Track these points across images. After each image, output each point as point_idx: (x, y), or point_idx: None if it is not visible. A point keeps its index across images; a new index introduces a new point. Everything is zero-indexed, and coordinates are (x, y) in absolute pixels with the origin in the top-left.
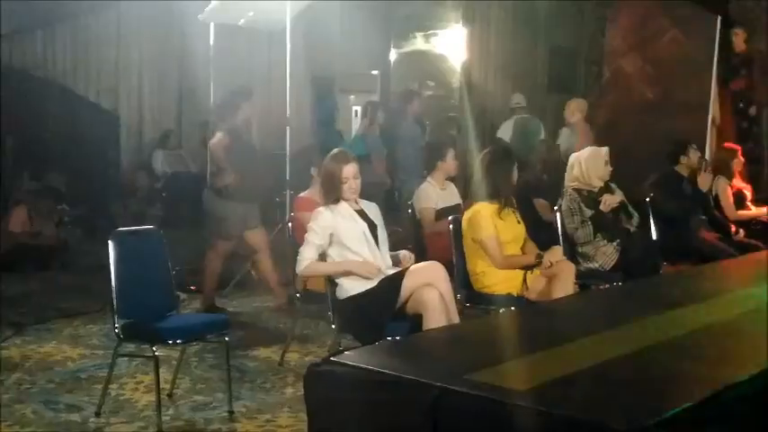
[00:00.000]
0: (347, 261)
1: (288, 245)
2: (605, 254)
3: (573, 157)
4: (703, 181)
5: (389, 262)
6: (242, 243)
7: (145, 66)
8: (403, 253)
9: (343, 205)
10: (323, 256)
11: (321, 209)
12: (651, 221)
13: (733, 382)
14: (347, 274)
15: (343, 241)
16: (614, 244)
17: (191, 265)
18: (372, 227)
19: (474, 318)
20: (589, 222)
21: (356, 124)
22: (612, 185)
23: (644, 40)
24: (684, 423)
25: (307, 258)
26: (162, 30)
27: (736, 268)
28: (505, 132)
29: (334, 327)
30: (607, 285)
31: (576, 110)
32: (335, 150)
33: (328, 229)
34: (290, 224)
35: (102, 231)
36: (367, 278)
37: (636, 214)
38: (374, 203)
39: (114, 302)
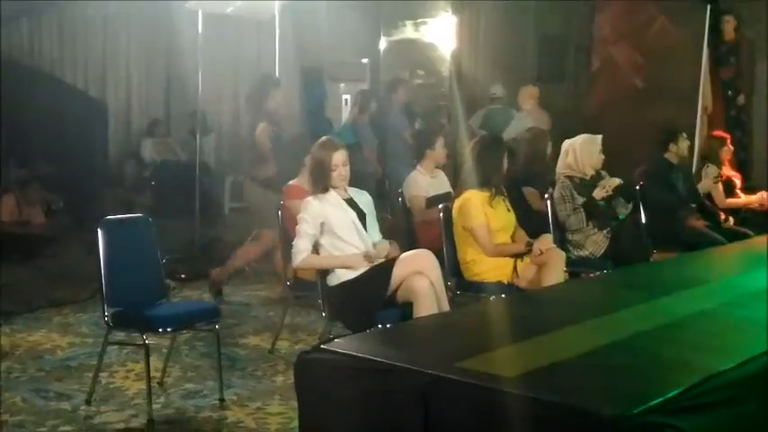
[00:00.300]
0: (344, 256)
1: (277, 233)
2: (596, 242)
3: (566, 144)
4: (704, 186)
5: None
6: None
7: (133, 54)
8: (381, 245)
9: (332, 194)
10: (315, 246)
11: (310, 198)
12: (641, 209)
13: (720, 370)
14: (343, 267)
15: (334, 230)
16: (604, 232)
17: (180, 253)
18: (362, 215)
19: (464, 306)
20: (581, 210)
21: (346, 113)
22: (603, 173)
23: (633, 28)
24: (672, 410)
25: (303, 251)
26: (150, 18)
27: (725, 256)
28: (475, 122)
29: (324, 315)
30: (597, 273)
31: (528, 96)
32: (323, 138)
33: (319, 218)
34: (279, 212)
35: (90, 220)
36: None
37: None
38: (364, 191)
39: (104, 290)
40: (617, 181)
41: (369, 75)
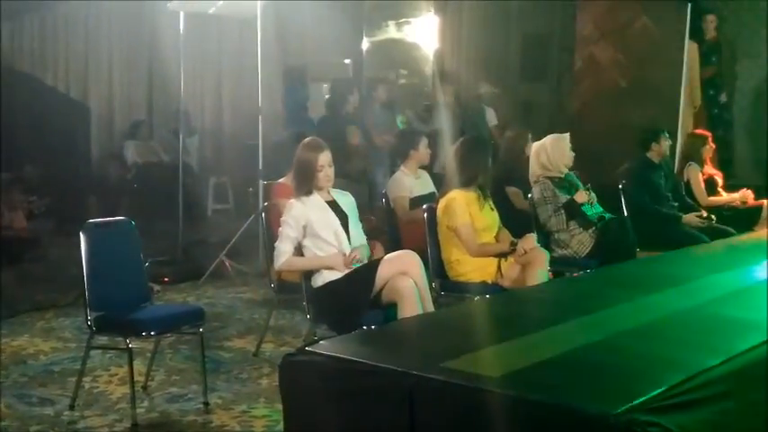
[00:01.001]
0: (324, 256)
1: (262, 234)
2: (580, 241)
3: (536, 146)
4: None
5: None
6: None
7: (114, 55)
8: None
9: (315, 196)
10: (298, 249)
11: (293, 201)
12: (623, 208)
13: (706, 366)
14: (324, 268)
15: (317, 232)
16: (590, 231)
17: (163, 256)
18: (344, 217)
19: (449, 306)
20: (562, 211)
21: None
22: (575, 173)
23: (615, 27)
24: (658, 407)
25: (284, 252)
26: (131, 19)
27: (708, 254)
28: None
29: (309, 317)
30: (581, 272)
31: (449, 93)
32: (308, 139)
33: (301, 220)
34: (263, 214)
35: (73, 223)
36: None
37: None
38: (347, 192)
39: (86, 294)
40: (594, 199)
41: (352, 75)
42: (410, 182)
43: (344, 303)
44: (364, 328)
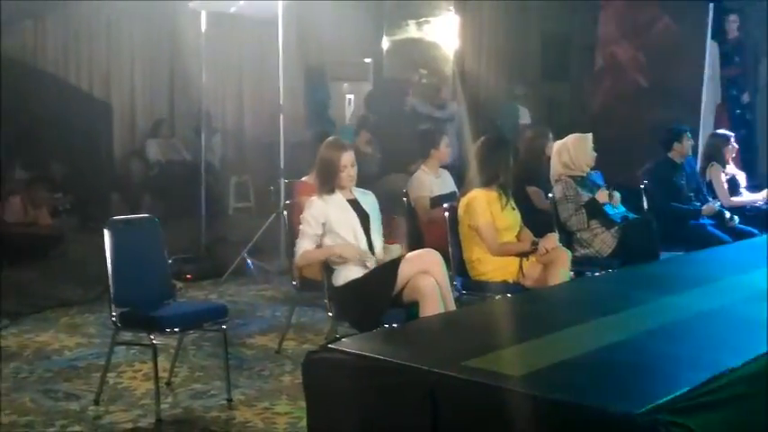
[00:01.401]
0: (335, 245)
1: (284, 232)
2: (603, 241)
3: (558, 145)
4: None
5: (381, 251)
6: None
7: (136, 54)
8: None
9: (337, 195)
10: (319, 246)
11: (314, 198)
12: (646, 208)
13: (729, 367)
14: (335, 256)
15: (336, 230)
16: (612, 231)
17: (186, 253)
18: (365, 217)
19: (470, 305)
20: (583, 210)
21: (349, 112)
22: (596, 172)
23: (636, 27)
24: (681, 408)
25: (302, 247)
26: (153, 18)
27: (730, 254)
28: None
29: (330, 315)
30: (603, 272)
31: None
32: (331, 138)
33: (320, 218)
34: (285, 212)
35: (96, 220)
36: (360, 263)
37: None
38: (369, 192)
39: (111, 291)
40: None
41: (372, 74)
42: (431, 181)
43: (366, 301)
44: (386, 326)
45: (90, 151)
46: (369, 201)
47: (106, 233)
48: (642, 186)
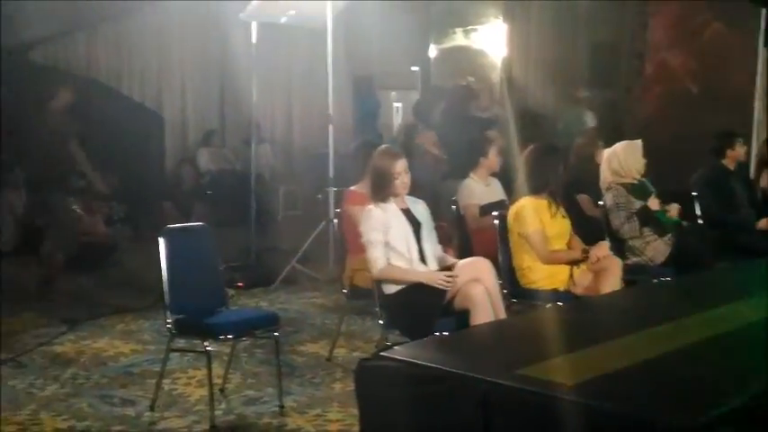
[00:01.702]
0: (422, 272)
1: (333, 240)
2: (656, 248)
3: (608, 153)
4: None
5: (433, 261)
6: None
7: (187, 65)
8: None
9: (391, 204)
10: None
11: (372, 207)
12: (698, 216)
13: None
14: (423, 282)
15: (390, 240)
16: (665, 238)
17: (236, 261)
18: (417, 226)
19: (520, 313)
20: (635, 217)
21: (397, 121)
22: (647, 180)
23: (687, 33)
24: (736, 419)
25: (379, 259)
26: (204, 29)
27: None
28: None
29: (381, 323)
30: (655, 281)
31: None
32: (383, 147)
33: (382, 226)
34: (335, 220)
35: (149, 228)
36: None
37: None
38: (421, 200)
39: (166, 298)
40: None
41: (419, 83)
42: (480, 189)
43: (417, 310)
44: (436, 334)
45: (142, 161)
46: (420, 210)
47: (161, 241)
48: (694, 194)
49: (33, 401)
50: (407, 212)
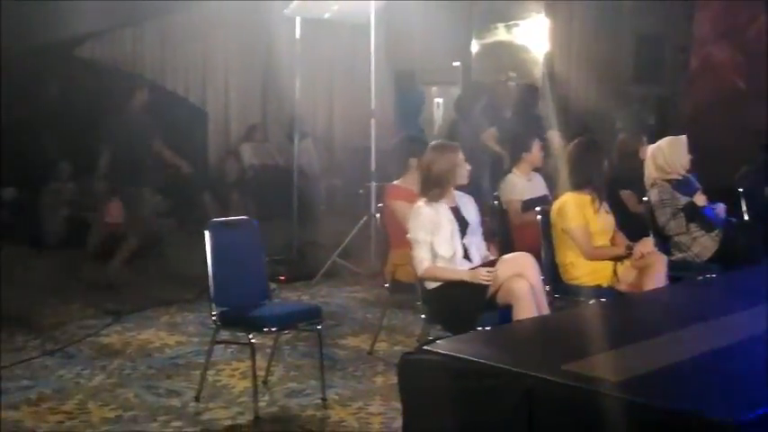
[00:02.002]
0: (465, 272)
1: (374, 234)
2: (703, 245)
3: (653, 149)
4: None
5: (480, 257)
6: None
7: (231, 61)
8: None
9: (442, 204)
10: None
11: (422, 204)
12: (745, 213)
13: None
14: (468, 281)
15: (435, 241)
16: (712, 234)
17: (279, 255)
18: (464, 225)
19: (563, 309)
20: (681, 213)
21: (438, 116)
22: (692, 176)
23: (734, 27)
24: None
25: (425, 259)
26: (247, 25)
27: None
28: None
29: (423, 317)
30: (701, 277)
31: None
32: (435, 143)
33: (431, 225)
34: (377, 215)
35: (192, 222)
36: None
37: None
38: (470, 197)
39: (211, 291)
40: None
41: (461, 78)
42: (522, 184)
43: (460, 305)
44: (479, 328)
45: (187, 156)
46: (470, 208)
47: (207, 235)
48: (741, 190)
49: (81, 391)
50: (456, 211)
